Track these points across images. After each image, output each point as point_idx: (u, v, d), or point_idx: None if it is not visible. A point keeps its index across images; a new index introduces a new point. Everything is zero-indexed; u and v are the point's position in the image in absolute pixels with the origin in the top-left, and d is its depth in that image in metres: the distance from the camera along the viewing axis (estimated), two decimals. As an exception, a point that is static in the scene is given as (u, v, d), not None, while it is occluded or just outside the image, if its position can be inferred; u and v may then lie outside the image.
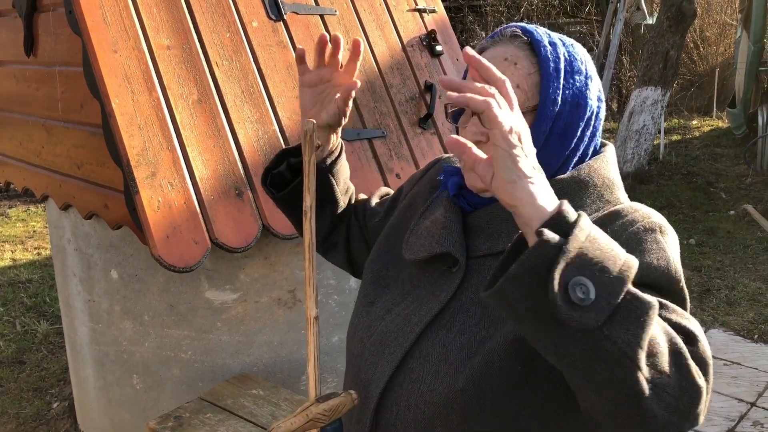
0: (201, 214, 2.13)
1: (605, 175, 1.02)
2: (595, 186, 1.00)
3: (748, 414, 3.11)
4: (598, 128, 1.05)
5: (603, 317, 0.73)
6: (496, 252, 1.00)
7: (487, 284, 0.77)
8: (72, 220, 2.63)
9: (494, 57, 1.00)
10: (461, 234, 1.03)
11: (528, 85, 0.98)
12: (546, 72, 0.98)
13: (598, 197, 0.99)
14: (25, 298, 4.56)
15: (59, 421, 3.18)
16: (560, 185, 0.98)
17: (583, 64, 1.03)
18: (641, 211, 0.97)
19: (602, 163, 1.03)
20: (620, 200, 1.02)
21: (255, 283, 2.42)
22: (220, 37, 2.34)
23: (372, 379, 1.04)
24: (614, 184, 1.02)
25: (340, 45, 1.13)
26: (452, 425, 0.97)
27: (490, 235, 1.02)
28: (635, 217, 0.95)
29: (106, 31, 2.13)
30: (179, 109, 2.18)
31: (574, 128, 1.00)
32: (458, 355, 0.96)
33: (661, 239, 0.93)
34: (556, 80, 0.98)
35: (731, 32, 10.21)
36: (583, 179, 1.00)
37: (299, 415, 1.03)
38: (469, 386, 0.94)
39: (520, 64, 0.99)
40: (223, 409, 2.20)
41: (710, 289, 4.47)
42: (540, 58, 0.99)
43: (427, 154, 2.69)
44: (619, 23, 7.32)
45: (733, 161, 7.51)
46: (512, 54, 0.99)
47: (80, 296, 2.66)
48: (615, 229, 0.94)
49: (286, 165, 1.23)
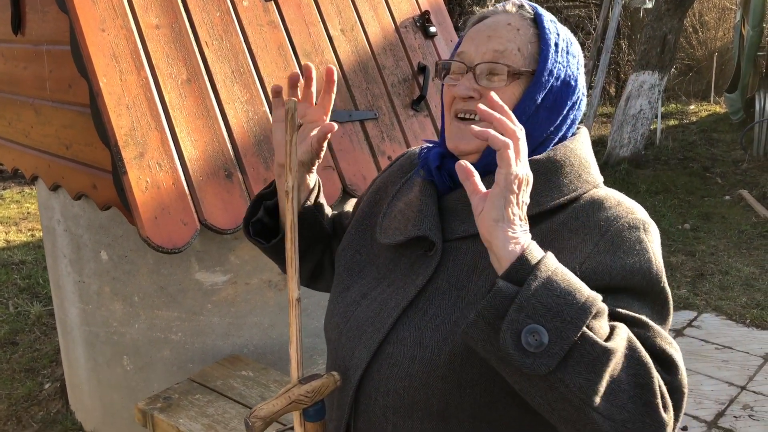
0: (190, 195, 2.11)
1: (581, 155, 1.02)
2: (572, 165, 1.00)
3: (738, 397, 3.12)
4: (578, 118, 1.06)
5: (554, 363, 0.77)
6: (472, 234, 0.99)
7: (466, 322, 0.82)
8: (61, 201, 2.61)
9: (497, 22, 1.01)
10: (437, 217, 1.02)
11: (527, 51, 0.99)
12: (546, 43, 0.99)
13: (576, 177, 0.99)
14: (19, 279, 4.56)
15: (51, 402, 3.19)
16: (537, 165, 0.98)
17: (578, 52, 1.05)
18: (624, 204, 0.97)
19: (578, 143, 1.03)
20: (596, 180, 1.02)
21: (245, 265, 2.41)
22: (210, 17, 2.31)
23: (350, 365, 1.03)
24: (590, 164, 1.03)
25: (312, 76, 1.12)
26: (432, 410, 0.96)
27: (466, 218, 1.01)
28: (619, 212, 0.94)
29: (93, 9, 2.10)
30: (168, 88, 2.16)
31: (561, 105, 1.01)
32: (432, 337, 0.95)
33: (644, 238, 0.93)
34: (555, 53, 0.99)
35: (730, 17, 10.15)
36: (559, 159, 1.00)
37: (281, 397, 1.02)
38: (449, 373, 0.94)
39: (522, 31, 1.00)
40: (213, 390, 2.20)
41: (704, 273, 4.48)
42: (542, 30, 1.00)
43: (419, 137, 2.67)
44: (617, 7, 7.26)
45: (729, 146, 7.49)
46: (515, 21, 1.00)
47: (70, 277, 2.65)
48: (599, 221, 0.94)
49: (264, 210, 1.20)
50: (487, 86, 0.98)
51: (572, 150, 1.02)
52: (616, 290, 0.90)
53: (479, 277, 0.97)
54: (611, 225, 0.93)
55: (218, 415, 2.07)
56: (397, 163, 1.21)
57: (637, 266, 0.90)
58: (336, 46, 2.57)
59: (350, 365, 1.03)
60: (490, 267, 0.96)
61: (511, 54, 0.98)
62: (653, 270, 0.91)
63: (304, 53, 2.48)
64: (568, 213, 0.97)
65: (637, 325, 0.86)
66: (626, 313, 0.87)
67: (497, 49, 0.98)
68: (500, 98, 0.97)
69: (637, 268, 0.90)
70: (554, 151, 1.00)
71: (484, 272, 0.97)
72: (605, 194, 0.99)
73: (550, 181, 0.98)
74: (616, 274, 0.90)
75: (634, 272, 0.90)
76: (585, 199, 0.98)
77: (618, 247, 0.91)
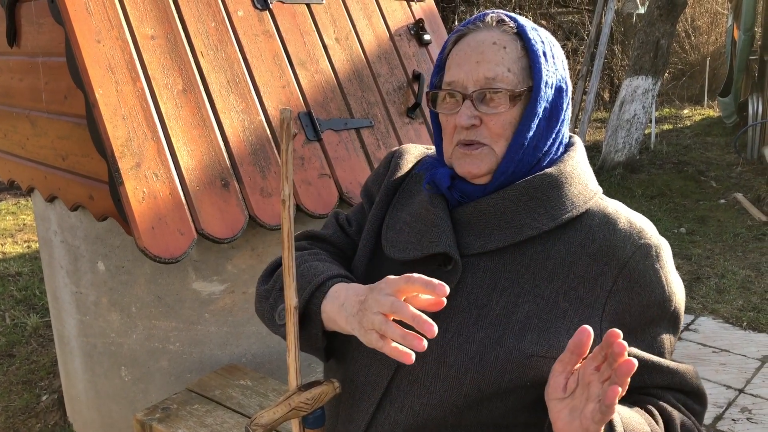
0: (186, 204, 2.11)
1: (584, 166, 1.05)
2: (579, 177, 1.01)
3: (736, 400, 3.13)
4: (570, 116, 1.07)
5: None
6: (490, 250, 0.99)
7: None
8: (58, 212, 2.61)
9: (481, 41, 0.99)
10: (452, 232, 1.01)
11: (518, 68, 0.98)
12: (536, 55, 0.98)
13: (584, 187, 1.01)
14: (15, 291, 4.55)
15: (48, 414, 3.18)
16: (550, 179, 0.99)
17: (560, 52, 1.05)
18: (636, 225, 0.99)
19: (580, 155, 1.05)
20: (598, 188, 1.05)
21: (242, 274, 2.42)
22: (206, 27, 2.32)
23: (368, 381, 1.02)
24: (590, 173, 1.06)
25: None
26: (446, 425, 0.97)
27: (481, 232, 1.00)
28: (633, 238, 0.97)
29: (89, 20, 2.11)
30: (164, 99, 2.17)
31: (559, 111, 1.01)
32: (457, 357, 0.95)
33: (658, 267, 0.97)
34: (545, 64, 0.99)
35: (722, 21, 10.21)
36: (569, 172, 1.01)
37: (282, 404, 1.03)
38: (473, 391, 0.94)
39: (509, 48, 0.98)
40: (211, 399, 2.20)
41: (700, 277, 4.49)
42: (528, 42, 0.99)
43: (414, 143, 2.68)
44: (610, 12, 7.30)
45: (723, 150, 7.53)
46: (500, 38, 0.99)
47: (67, 288, 2.65)
48: (614, 249, 0.96)
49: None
50: (488, 111, 0.98)
51: (577, 161, 1.03)
52: (636, 329, 0.97)
53: (500, 296, 0.97)
54: (628, 258, 0.96)
55: (217, 425, 2.06)
56: (390, 168, 1.18)
57: (652, 299, 0.96)
58: (331, 55, 2.58)
59: (368, 381, 1.02)
60: (510, 287, 0.97)
61: (503, 77, 0.97)
62: (666, 297, 0.97)
63: (300, 62, 2.49)
64: (584, 233, 0.98)
65: (670, 373, 0.99)
66: (658, 363, 0.98)
67: (488, 76, 0.97)
68: (503, 120, 0.98)
69: (653, 301, 0.96)
70: (563, 163, 1.02)
71: (505, 292, 0.97)
72: (615, 212, 1.01)
73: (562, 194, 0.99)
74: (634, 312, 0.96)
75: (651, 306, 0.96)
76: (597, 215, 1.00)
77: (635, 283, 0.95)
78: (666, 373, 0.98)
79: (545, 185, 0.99)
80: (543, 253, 0.97)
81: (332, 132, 2.47)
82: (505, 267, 0.98)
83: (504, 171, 1.00)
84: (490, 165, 1.00)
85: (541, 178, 0.99)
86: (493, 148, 0.99)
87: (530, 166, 1.01)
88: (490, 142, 0.99)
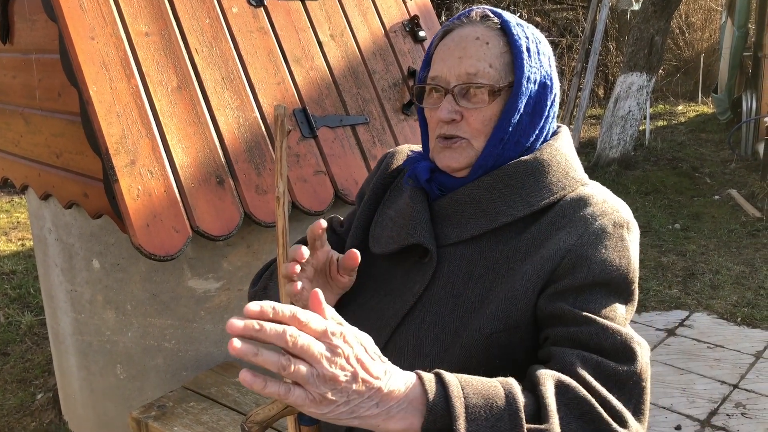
0: (181, 202, 2.11)
1: (566, 153, 1.03)
2: (558, 164, 1.01)
3: (730, 396, 3.14)
4: (556, 112, 1.07)
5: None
6: (466, 239, 1.00)
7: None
8: (52, 210, 2.60)
9: (465, 37, 1.00)
10: (429, 223, 1.02)
11: (500, 63, 0.98)
12: (518, 50, 0.99)
13: (563, 175, 1.01)
14: (9, 289, 4.53)
15: (43, 412, 3.17)
16: (525, 166, 0.99)
17: (548, 49, 1.04)
18: (610, 202, 0.98)
19: (561, 142, 1.04)
20: (582, 177, 1.04)
21: (238, 272, 2.41)
22: (200, 24, 2.31)
23: None
24: (575, 161, 1.04)
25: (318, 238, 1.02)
26: None
27: (458, 222, 1.01)
28: (605, 209, 0.96)
29: (82, 17, 2.10)
30: (158, 96, 2.16)
31: (542, 107, 1.01)
32: (432, 347, 0.96)
33: (626, 237, 0.95)
34: (529, 59, 0.99)
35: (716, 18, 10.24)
36: (546, 159, 1.01)
37: (277, 402, 1.03)
38: None
39: (491, 44, 0.99)
40: (207, 397, 2.19)
41: (695, 273, 4.50)
42: (512, 38, 0.99)
43: (410, 140, 2.68)
44: (604, 9, 7.31)
45: (718, 146, 7.55)
46: (483, 33, 0.99)
47: (62, 286, 2.64)
48: (584, 216, 0.95)
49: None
50: (467, 106, 0.98)
51: (557, 149, 1.03)
52: (591, 285, 0.92)
53: (475, 284, 0.98)
54: (596, 219, 0.95)
55: (213, 423, 2.06)
56: (381, 168, 1.20)
57: (616, 262, 0.93)
58: (326, 52, 2.57)
59: None
60: (485, 274, 0.97)
61: (484, 72, 0.97)
62: (630, 268, 0.94)
63: (294, 59, 2.48)
64: (555, 211, 0.98)
65: (594, 324, 0.89)
66: (584, 315, 0.89)
67: (470, 71, 0.97)
68: (483, 116, 0.98)
69: (615, 265, 0.93)
70: (540, 151, 1.01)
71: (480, 279, 0.97)
72: (591, 191, 1.00)
73: (539, 182, 0.99)
74: (595, 267, 0.92)
75: (611, 268, 0.92)
76: (572, 196, 0.99)
77: (600, 241, 0.93)
78: (583, 325, 0.89)
79: (520, 172, 0.99)
80: (517, 238, 0.98)
81: (327, 129, 2.47)
82: (482, 254, 0.99)
83: (482, 165, 1.00)
84: (468, 159, 1.00)
85: (516, 166, 0.99)
86: (472, 142, 1.00)
87: (511, 160, 1.01)
88: (470, 137, 0.99)
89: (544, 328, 0.94)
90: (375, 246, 1.08)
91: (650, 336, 3.70)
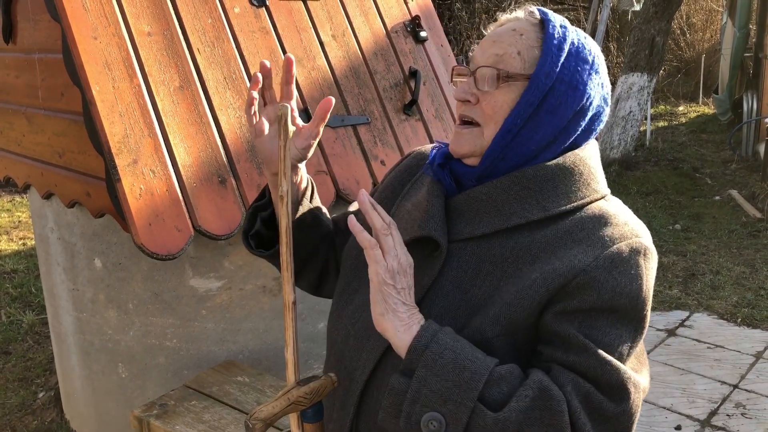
0: (183, 201, 2.12)
1: (590, 165, 1.03)
2: (580, 174, 1.01)
3: (730, 396, 3.14)
4: (596, 129, 1.04)
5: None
6: (477, 236, 1.00)
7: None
8: (55, 209, 2.61)
9: (504, 29, 1.02)
10: (443, 217, 1.03)
11: (528, 55, 0.99)
12: (548, 47, 0.98)
13: (584, 185, 1.00)
14: (11, 288, 4.54)
15: (45, 411, 3.18)
16: (545, 171, 0.99)
17: (593, 58, 1.02)
18: (630, 225, 0.98)
19: (587, 152, 1.04)
20: (604, 190, 1.03)
21: (239, 271, 2.42)
22: (202, 23, 2.32)
23: (356, 366, 1.04)
24: (598, 173, 1.04)
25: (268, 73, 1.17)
26: None
27: (471, 219, 1.02)
28: (624, 232, 0.96)
29: (85, 17, 2.11)
30: (161, 95, 2.17)
31: (565, 109, 0.99)
32: None
33: (642, 264, 0.94)
34: (557, 56, 0.98)
35: (717, 18, 10.23)
36: (568, 167, 1.00)
37: (281, 399, 1.03)
38: None
39: (525, 36, 1.00)
40: (209, 396, 2.20)
41: (695, 273, 4.51)
42: (546, 34, 1.00)
43: (411, 141, 2.69)
44: (605, 9, 7.32)
45: (718, 147, 7.55)
46: (521, 27, 1.01)
47: (64, 285, 2.65)
48: (603, 237, 0.95)
49: (261, 222, 1.20)
50: (483, 89, 0.99)
51: (581, 158, 1.02)
52: (600, 310, 0.92)
53: (483, 281, 0.98)
54: (614, 243, 0.94)
55: (214, 421, 2.07)
56: (404, 162, 1.21)
57: (627, 289, 0.92)
58: (327, 52, 2.58)
59: (356, 366, 1.04)
60: (493, 272, 0.98)
61: (509, 57, 0.98)
62: (642, 296, 0.94)
63: (296, 59, 2.49)
64: (574, 222, 0.97)
65: (595, 357, 0.91)
66: (587, 345, 0.91)
67: (497, 53, 0.99)
68: (495, 101, 0.99)
69: (627, 292, 0.92)
70: (564, 158, 1.01)
71: (488, 277, 0.98)
72: (614, 210, 0.99)
73: (557, 188, 0.99)
74: (604, 293, 0.92)
75: (623, 294, 0.92)
76: (593, 209, 0.99)
77: (615, 266, 0.92)
78: (584, 355, 0.90)
79: (539, 177, 0.99)
80: (529, 240, 0.98)
81: (329, 129, 2.48)
82: (491, 252, 0.99)
83: (490, 155, 1.00)
84: (471, 147, 1.01)
85: (536, 170, 0.99)
86: (483, 130, 1.00)
87: (525, 158, 1.00)
88: (482, 123, 1.00)
89: (545, 344, 0.95)
90: None
91: (650, 336, 3.70)
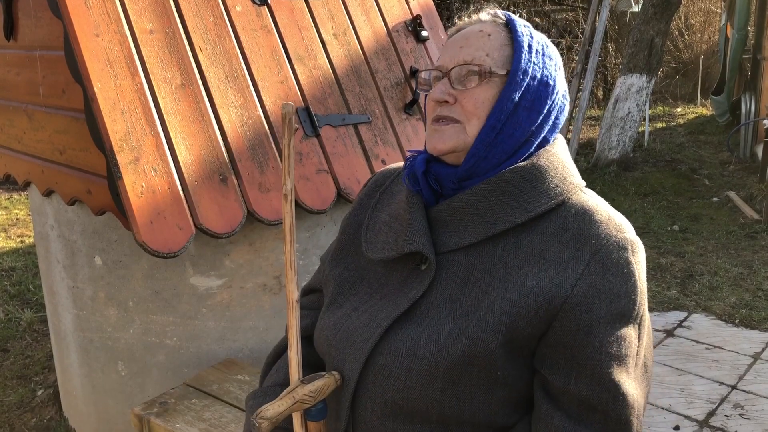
0: (185, 199, 2.12)
1: (563, 159, 1.04)
2: (556, 169, 1.01)
3: (728, 397, 3.15)
4: (560, 123, 1.07)
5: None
6: (463, 246, 1.00)
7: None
8: (55, 207, 2.61)
9: (470, 30, 1.03)
10: (428, 230, 1.02)
11: (498, 55, 1.00)
12: (519, 44, 1.01)
13: (561, 180, 1.01)
14: (9, 286, 4.53)
15: (44, 409, 3.17)
16: (522, 172, 1.00)
17: (555, 56, 1.06)
18: (614, 221, 0.98)
19: (558, 148, 1.05)
20: (580, 183, 1.04)
21: (240, 269, 2.42)
22: (204, 22, 2.32)
23: (344, 376, 1.04)
24: (571, 166, 1.05)
25: None
26: (432, 419, 0.98)
27: (456, 229, 1.01)
28: (609, 230, 0.96)
29: (87, 14, 2.11)
30: (162, 93, 2.17)
31: (541, 104, 1.01)
32: (426, 348, 0.96)
33: (632, 260, 0.96)
34: (529, 54, 1.01)
35: (716, 20, 10.26)
36: (543, 165, 1.01)
37: (286, 397, 1.03)
38: (447, 386, 0.95)
39: (493, 36, 1.02)
40: (209, 394, 2.20)
41: (693, 274, 4.52)
42: (515, 33, 1.02)
43: (412, 140, 2.69)
44: (604, 10, 7.32)
45: (716, 148, 7.57)
46: (486, 28, 1.03)
47: (64, 283, 2.64)
48: (590, 238, 0.96)
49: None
50: (460, 88, 1.00)
51: (554, 155, 1.03)
52: (601, 318, 0.93)
53: (472, 288, 0.98)
54: (602, 245, 0.95)
55: (215, 420, 2.07)
56: (370, 182, 1.21)
57: (623, 289, 0.94)
58: (329, 51, 2.58)
59: (344, 376, 1.04)
60: (482, 278, 0.98)
61: (481, 59, 1.00)
62: (637, 293, 0.95)
63: (297, 57, 2.49)
64: (558, 223, 0.98)
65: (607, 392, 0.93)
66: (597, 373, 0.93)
67: (467, 59, 1.00)
68: (476, 98, 1.00)
69: (623, 292, 0.94)
70: (537, 157, 1.02)
71: (477, 284, 0.98)
72: (595, 205, 1.00)
73: (536, 187, 0.99)
74: (604, 298, 0.93)
75: (620, 295, 0.94)
76: (575, 207, 0.99)
77: (608, 270, 0.94)
78: (596, 388, 0.93)
79: (517, 179, 0.99)
80: (515, 244, 0.98)
81: (330, 128, 2.48)
82: (479, 260, 0.99)
83: (475, 153, 1.00)
84: (456, 142, 1.00)
85: (513, 172, 0.99)
86: (465, 126, 1.00)
87: (507, 155, 1.01)
88: (463, 120, 1.00)
89: (549, 369, 0.96)
90: (370, 251, 1.08)
91: (649, 336, 3.71)
